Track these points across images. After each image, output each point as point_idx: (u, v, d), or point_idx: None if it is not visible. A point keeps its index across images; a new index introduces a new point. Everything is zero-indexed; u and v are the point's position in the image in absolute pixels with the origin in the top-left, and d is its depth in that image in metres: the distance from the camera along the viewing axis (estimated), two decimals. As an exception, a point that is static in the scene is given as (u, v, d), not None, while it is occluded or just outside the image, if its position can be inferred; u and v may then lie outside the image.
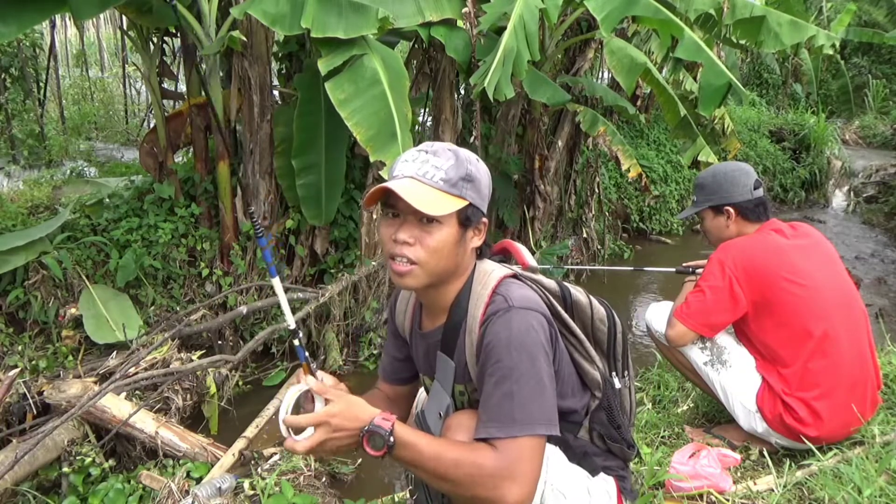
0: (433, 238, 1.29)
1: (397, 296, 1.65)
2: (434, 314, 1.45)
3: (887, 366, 2.71)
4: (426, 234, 1.29)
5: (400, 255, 1.29)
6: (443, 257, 1.31)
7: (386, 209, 1.33)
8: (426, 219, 1.28)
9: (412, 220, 1.29)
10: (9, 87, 7.50)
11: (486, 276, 1.39)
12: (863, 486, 1.94)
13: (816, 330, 2.12)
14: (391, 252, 1.31)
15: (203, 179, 4.71)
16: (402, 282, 1.32)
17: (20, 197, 5.30)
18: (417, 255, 1.29)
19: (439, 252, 1.30)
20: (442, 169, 1.30)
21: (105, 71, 14.90)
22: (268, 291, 4.57)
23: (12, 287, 4.01)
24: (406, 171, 1.31)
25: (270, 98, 4.57)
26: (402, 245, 1.29)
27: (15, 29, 3.37)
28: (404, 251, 1.29)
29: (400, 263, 1.30)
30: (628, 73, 4.87)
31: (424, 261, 1.29)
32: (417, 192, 1.26)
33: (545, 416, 1.25)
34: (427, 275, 1.31)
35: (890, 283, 5.85)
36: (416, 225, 1.29)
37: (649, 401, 2.97)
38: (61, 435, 2.99)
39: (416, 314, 1.55)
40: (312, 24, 3.59)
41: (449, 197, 1.29)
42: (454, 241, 1.32)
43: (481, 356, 1.30)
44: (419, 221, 1.28)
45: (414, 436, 1.23)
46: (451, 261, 1.34)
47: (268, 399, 3.71)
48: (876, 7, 12.61)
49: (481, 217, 1.37)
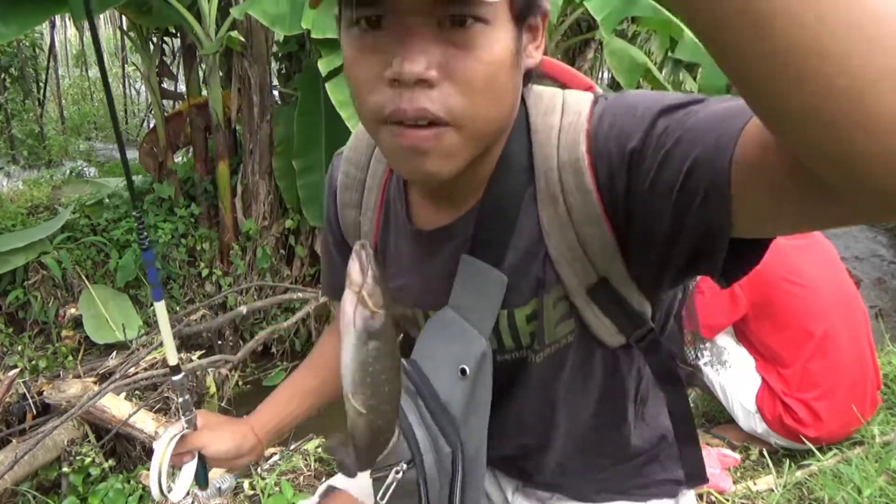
0: (479, 59, 0.60)
1: (337, 168, 0.91)
2: (450, 199, 0.77)
3: (887, 366, 2.71)
4: (463, 54, 0.60)
5: (413, 112, 0.60)
6: (497, 99, 0.64)
7: (354, 8, 0.60)
8: (456, 18, 0.59)
9: (424, 30, 0.59)
10: (9, 87, 7.50)
11: (553, 99, 0.73)
12: (863, 486, 1.94)
13: (816, 330, 2.12)
14: (387, 110, 0.61)
15: (203, 179, 4.71)
16: (423, 167, 0.64)
17: (20, 197, 5.30)
18: (452, 105, 0.61)
19: (492, 88, 0.62)
20: None
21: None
22: (268, 291, 4.57)
23: (12, 287, 4.01)
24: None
25: (270, 98, 4.57)
26: (413, 88, 0.60)
27: (15, 29, 3.37)
28: (421, 100, 0.60)
29: (414, 130, 0.61)
30: (628, 73, 4.87)
31: (467, 114, 0.62)
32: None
33: None
34: (470, 144, 0.65)
35: (890, 283, 5.85)
36: (433, 38, 0.59)
37: (649, 401, 2.97)
38: (61, 435, 2.99)
39: (396, 200, 0.84)
40: (312, 24, 3.59)
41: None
42: (511, 58, 0.63)
43: (623, 170, 0.63)
44: (439, 29, 0.59)
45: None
46: (508, 102, 0.67)
47: (268, 399, 3.71)
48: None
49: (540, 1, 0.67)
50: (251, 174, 4.59)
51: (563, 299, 0.74)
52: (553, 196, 0.70)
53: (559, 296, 0.74)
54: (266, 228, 4.64)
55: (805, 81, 0.35)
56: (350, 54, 0.64)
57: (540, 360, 0.79)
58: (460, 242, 0.77)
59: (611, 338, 0.77)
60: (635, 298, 0.74)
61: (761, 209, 0.52)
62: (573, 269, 0.72)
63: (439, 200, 0.78)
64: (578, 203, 0.68)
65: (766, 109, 0.41)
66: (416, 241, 0.82)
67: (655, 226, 0.61)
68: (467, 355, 0.75)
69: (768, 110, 0.40)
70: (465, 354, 0.75)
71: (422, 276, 0.83)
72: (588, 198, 0.67)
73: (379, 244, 0.87)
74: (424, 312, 0.85)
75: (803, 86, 0.36)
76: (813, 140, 0.38)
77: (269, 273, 4.62)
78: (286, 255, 4.84)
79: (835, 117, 0.36)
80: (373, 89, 0.62)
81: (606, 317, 0.75)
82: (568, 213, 0.69)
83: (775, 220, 0.53)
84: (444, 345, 0.79)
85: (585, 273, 0.72)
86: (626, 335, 0.77)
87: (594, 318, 0.75)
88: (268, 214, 4.66)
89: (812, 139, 0.38)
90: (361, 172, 0.87)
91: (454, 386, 0.77)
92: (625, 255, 0.69)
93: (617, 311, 0.74)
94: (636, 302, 0.74)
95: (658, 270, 0.67)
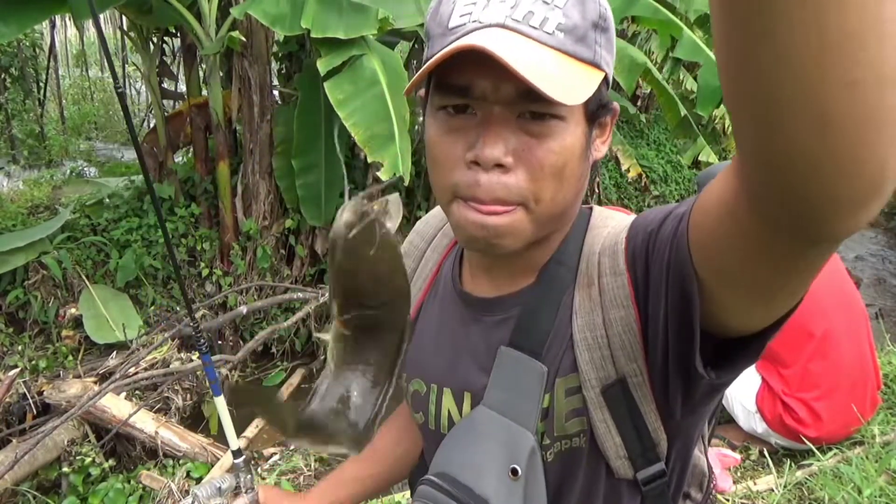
0: (552, 149, 0.65)
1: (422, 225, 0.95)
2: (503, 276, 0.79)
3: (887, 366, 2.71)
4: (538, 144, 0.65)
5: (488, 192, 0.65)
6: (565, 185, 0.68)
7: (444, 95, 0.67)
8: (536, 113, 0.64)
9: (505, 120, 0.65)
10: (9, 87, 7.50)
11: (609, 216, 0.79)
12: (863, 486, 1.94)
13: (817, 331, 2.12)
14: (464, 189, 0.66)
15: (203, 179, 4.71)
16: (491, 244, 0.68)
17: (20, 197, 5.31)
18: (523, 189, 0.66)
19: (561, 175, 0.67)
20: (558, 6, 0.64)
21: (105, 71, 14.90)
22: (268, 291, 4.57)
23: (12, 287, 4.01)
24: (489, 15, 0.64)
25: (270, 98, 4.57)
26: (490, 173, 0.65)
27: (15, 29, 3.37)
28: (497, 182, 0.65)
29: (490, 208, 0.66)
30: (628, 73, 4.87)
31: (536, 197, 0.66)
32: (526, 55, 0.61)
33: None
34: (536, 225, 0.69)
35: (890, 283, 5.85)
36: (512, 127, 0.65)
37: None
38: (61, 435, 2.99)
39: (449, 270, 0.87)
40: (312, 24, 3.59)
41: (576, 63, 0.65)
42: (581, 151, 0.69)
43: (643, 253, 0.68)
44: (518, 119, 0.65)
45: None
46: (574, 189, 0.71)
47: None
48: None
49: (611, 101, 0.73)
50: (251, 174, 4.59)
51: (576, 392, 0.72)
52: (590, 278, 0.73)
53: (573, 385, 0.72)
54: (266, 228, 4.64)
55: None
56: (435, 134, 0.69)
57: (551, 458, 0.74)
58: (501, 320, 0.77)
59: (618, 461, 0.72)
60: (651, 417, 0.71)
61: (721, 262, 0.55)
62: (592, 356, 0.71)
63: (492, 275, 0.80)
64: (611, 285, 0.70)
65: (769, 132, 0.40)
66: (459, 304, 0.82)
67: (659, 307, 0.64)
68: (515, 453, 0.72)
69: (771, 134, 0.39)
70: (513, 453, 0.72)
71: (454, 348, 0.82)
72: (619, 280, 0.70)
73: (420, 312, 0.88)
74: (440, 389, 0.82)
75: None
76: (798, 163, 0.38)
77: (269, 273, 4.62)
78: (286, 254, 4.84)
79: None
80: (453, 168, 0.67)
81: (616, 429, 0.71)
82: (600, 294, 0.71)
83: (739, 277, 0.55)
84: (482, 448, 0.74)
85: (604, 365, 0.71)
86: (633, 466, 0.73)
87: (603, 427, 0.71)
88: (268, 214, 4.66)
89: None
90: (425, 243, 0.91)
91: (509, 489, 0.72)
92: (645, 352, 0.69)
93: (629, 425, 0.71)
94: (651, 421, 0.71)
95: (666, 372, 0.67)
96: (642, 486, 0.74)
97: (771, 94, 0.36)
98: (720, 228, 0.52)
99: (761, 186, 0.43)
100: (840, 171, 0.37)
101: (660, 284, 0.63)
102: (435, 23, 0.68)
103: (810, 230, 0.43)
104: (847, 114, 0.35)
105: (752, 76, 0.36)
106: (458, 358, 0.81)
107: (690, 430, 0.76)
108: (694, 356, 0.61)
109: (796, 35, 0.33)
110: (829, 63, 0.33)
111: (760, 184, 0.43)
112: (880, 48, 0.33)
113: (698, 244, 0.57)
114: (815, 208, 0.40)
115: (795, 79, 0.35)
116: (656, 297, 0.64)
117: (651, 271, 0.65)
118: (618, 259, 0.70)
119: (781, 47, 0.34)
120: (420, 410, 0.86)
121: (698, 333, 0.60)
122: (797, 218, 0.42)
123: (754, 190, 0.45)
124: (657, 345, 0.66)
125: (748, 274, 0.53)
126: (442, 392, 0.82)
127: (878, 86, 0.34)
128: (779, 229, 0.45)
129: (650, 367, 0.69)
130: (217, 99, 4.37)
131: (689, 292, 0.59)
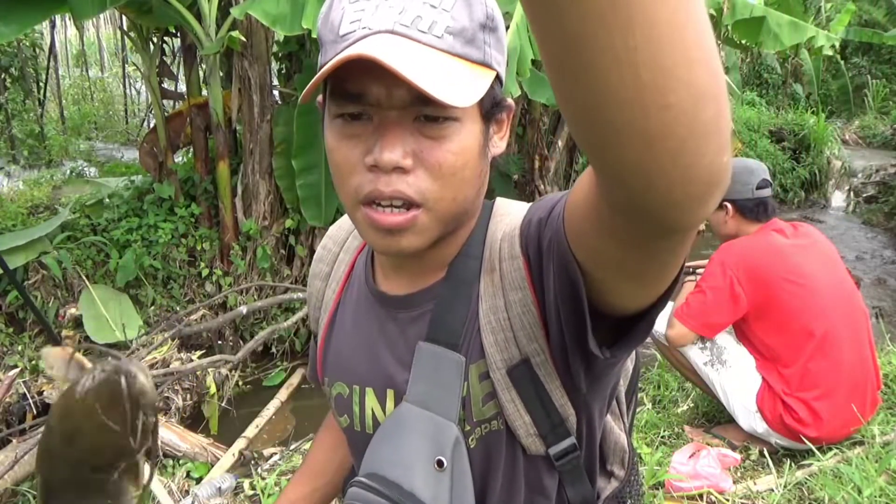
0: (450, 150, 0.67)
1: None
2: (414, 273, 0.81)
3: (887, 366, 2.71)
4: (435, 145, 0.67)
5: (389, 193, 0.67)
6: (465, 184, 0.70)
7: (339, 103, 0.68)
8: (430, 116, 0.66)
9: (401, 123, 0.66)
10: (9, 87, 7.51)
11: (509, 205, 0.83)
12: (863, 486, 1.94)
13: (817, 330, 2.12)
14: (365, 191, 0.68)
15: (203, 179, 4.71)
16: (397, 244, 0.70)
17: (20, 197, 5.30)
18: (424, 189, 0.67)
19: (460, 175, 0.69)
20: (445, 9, 0.65)
21: (105, 71, 14.91)
22: (268, 291, 4.58)
23: (12, 287, 4.01)
24: (378, 21, 0.65)
25: (270, 98, 4.57)
26: (390, 175, 0.66)
27: (15, 29, 3.37)
28: (397, 185, 0.66)
29: (388, 212, 0.68)
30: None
31: (437, 197, 0.68)
32: (416, 60, 0.62)
33: None
34: (439, 223, 0.71)
35: (890, 283, 5.85)
36: (408, 130, 0.66)
37: (649, 401, 2.97)
38: (61, 435, 2.99)
39: (362, 270, 0.88)
40: (312, 24, 3.59)
41: (467, 65, 0.66)
42: (479, 149, 0.71)
43: (535, 238, 0.71)
44: (413, 122, 0.66)
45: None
46: (475, 187, 0.73)
47: (268, 399, 3.71)
48: (875, 6, 12.61)
49: (505, 99, 0.74)
50: (251, 174, 4.59)
51: (486, 376, 0.75)
52: (492, 264, 0.76)
53: (484, 370, 0.75)
54: (266, 228, 4.64)
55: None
56: (333, 141, 0.70)
57: (474, 443, 0.76)
58: (417, 315, 0.79)
59: (528, 439, 0.75)
60: (557, 394, 0.74)
61: (592, 246, 0.58)
62: (496, 339, 0.74)
63: (404, 273, 0.82)
64: (509, 269, 0.75)
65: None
66: (374, 304, 0.84)
67: (549, 289, 0.68)
68: (441, 445, 0.74)
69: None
70: (439, 445, 0.74)
71: (372, 347, 0.83)
72: (516, 263, 0.74)
73: (335, 315, 0.90)
74: (363, 389, 0.83)
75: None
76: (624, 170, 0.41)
77: (269, 273, 4.62)
78: (286, 254, 4.84)
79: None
80: (352, 172, 0.69)
81: (525, 408, 0.74)
82: (501, 279, 0.75)
83: (608, 261, 0.57)
84: (408, 444, 0.76)
85: (508, 347, 0.74)
86: (545, 442, 0.76)
87: (512, 407, 0.74)
88: (268, 214, 4.67)
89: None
90: (337, 247, 0.93)
91: (436, 480, 0.74)
92: (545, 331, 0.72)
93: (536, 403, 0.74)
94: (557, 398, 0.74)
95: (565, 349, 0.69)
96: (555, 462, 0.77)
97: (595, 120, 0.38)
98: (587, 218, 0.55)
99: (608, 191, 0.47)
100: (671, 181, 0.40)
101: (549, 269, 0.67)
102: (326, 29, 0.69)
103: (658, 225, 0.47)
104: (667, 132, 0.37)
105: (579, 106, 0.39)
106: (377, 357, 0.82)
107: (596, 401, 0.79)
108: (587, 336, 0.63)
109: (612, 74, 0.35)
110: (645, 92, 0.35)
111: (607, 189, 0.47)
112: (690, 73, 0.35)
113: (572, 231, 0.60)
114: (656, 210, 0.43)
115: (616, 107, 0.36)
116: (548, 280, 0.68)
117: (542, 257, 0.69)
118: (514, 244, 0.74)
119: (601, 83, 0.36)
120: (344, 413, 0.86)
121: (587, 315, 0.62)
122: (644, 216, 0.46)
123: (604, 190, 0.48)
124: (553, 324, 0.69)
125: (615, 258, 0.56)
126: (364, 392, 0.83)
127: (693, 104, 0.36)
128: (632, 222, 0.48)
129: (551, 346, 0.72)
130: (217, 99, 4.37)
131: (574, 274, 0.61)
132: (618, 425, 0.89)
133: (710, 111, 0.38)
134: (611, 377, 0.80)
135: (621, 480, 0.89)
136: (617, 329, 0.65)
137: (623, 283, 0.60)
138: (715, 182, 0.42)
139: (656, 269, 0.56)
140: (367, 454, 0.80)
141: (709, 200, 0.43)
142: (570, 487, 0.80)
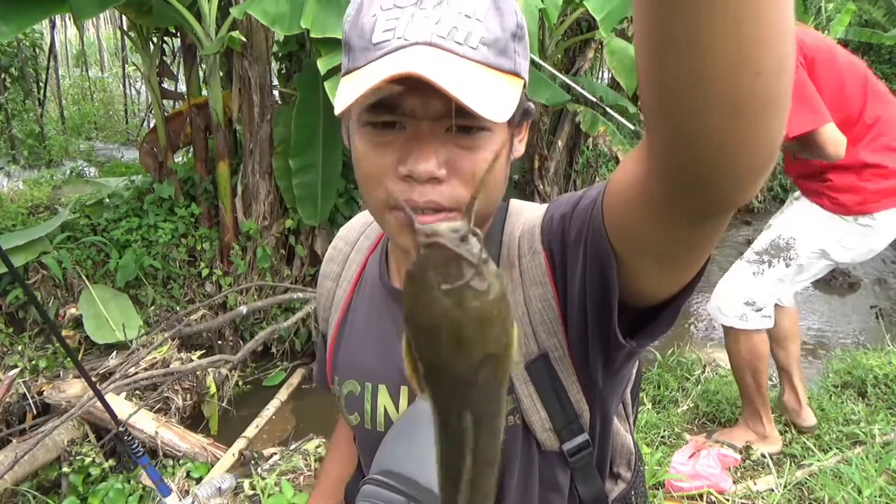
0: (484, 159, 0.68)
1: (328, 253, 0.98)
2: None
3: (887, 366, 2.71)
4: (470, 155, 0.68)
5: (423, 203, 0.67)
6: (496, 189, 0.74)
7: (373, 112, 0.67)
8: (464, 127, 0.67)
9: (434, 133, 0.67)
10: (9, 87, 7.51)
11: (523, 205, 0.85)
12: (863, 486, 1.94)
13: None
14: (397, 199, 0.68)
15: (203, 179, 4.71)
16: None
17: (20, 197, 5.31)
18: (458, 197, 0.68)
19: (492, 182, 0.72)
20: (479, 19, 0.66)
21: (105, 71, 14.91)
22: (268, 291, 4.57)
23: (12, 287, 4.01)
24: (415, 32, 0.64)
25: (270, 98, 4.57)
26: (425, 185, 0.67)
27: (15, 29, 3.37)
28: (430, 195, 0.67)
29: (422, 214, 0.68)
30: (628, 73, 4.87)
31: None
32: (457, 74, 0.62)
33: None
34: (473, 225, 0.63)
35: (890, 283, 5.85)
36: (441, 140, 0.67)
37: (649, 401, 2.97)
38: (61, 435, 2.99)
39: (374, 268, 0.90)
40: (312, 24, 3.59)
41: (500, 75, 0.67)
42: (506, 155, 0.74)
43: (560, 234, 0.73)
44: (445, 132, 0.67)
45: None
46: (502, 189, 0.76)
47: (268, 399, 3.71)
48: (875, 7, 12.61)
49: (530, 106, 0.76)
50: (251, 174, 4.59)
51: None
52: (511, 260, 0.78)
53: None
54: (266, 228, 4.64)
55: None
56: (364, 149, 0.70)
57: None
58: None
59: (544, 434, 0.76)
60: (573, 389, 0.76)
61: (633, 235, 0.60)
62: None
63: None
64: (529, 265, 0.76)
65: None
66: (389, 301, 0.84)
67: (574, 283, 0.69)
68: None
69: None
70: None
71: (386, 344, 0.83)
72: (537, 259, 0.75)
73: (347, 313, 0.90)
74: (375, 386, 0.83)
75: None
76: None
77: (269, 273, 4.62)
78: (286, 254, 4.84)
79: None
80: (383, 180, 0.69)
81: (542, 402, 0.75)
82: (520, 275, 0.76)
83: (649, 248, 0.59)
84: (424, 439, 0.71)
85: (527, 342, 0.75)
86: (559, 438, 0.77)
87: (529, 402, 0.76)
88: (268, 214, 4.66)
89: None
90: (348, 247, 0.94)
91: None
92: (564, 325, 0.73)
93: (553, 398, 0.75)
94: (573, 393, 0.76)
95: (586, 342, 0.70)
96: (569, 458, 0.78)
97: (688, 91, 0.41)
98: (633, 201, 0.57)
99: (673, 161, 0.47)
100: (742, 148, 0.43)
101: (576, 262, 0.68)
102: (355, 34, 0.68)
103: (711, 200, 0.49)
104: (753, 98, 0.40)
105: (672, 77, 0.41)
106: (391, 353, 0.82)
107: (611, 396, 0.80)
108: (613, 326, 0.65)
109: (717, 42, 0.38)
110: (745, 60, 0.39)
111: (673, 158, 0.47)
112: (781, 42, 0.39)
113: (612, 222, 0.61)
114: (719, 181, 0.46)
115: (714, 77, 0.39)
116: (573, 274, 0.69)
117: (567, 250, 0.70)
118: (535, 241, 0.76)
119: (706, 54, 0.39)
120: (355, 411, 0.86)
121: (615, 303, 0.64)
122: (702, 190, 0.48)
123: (666, 167, 0.49)
124: (574, 318, 0.71)
125: (655, 242, 0.58)
126: (377, 389, 0.84)
127: (778, 72, 0.40)
128: (684, 202, 0.50)
129: (570, 340, 0.73)
130: (217, 99, 4.37)
131: (607, 266, 0.63)
132: (624, 427, 0.90)
133: (787, 81, 0.41)
134: (626, 371, 0.81)
135: (628, 482, 0.90)
136: (636, 323, 0.67)
137: (656, 269, 0.62)
138: (770, 158, 0.45)
139: (693, 254, 0.58)
140: (381, 451, 0.79)
141: (760, 179, 0.46)
142: (582, 485, 0.81)
